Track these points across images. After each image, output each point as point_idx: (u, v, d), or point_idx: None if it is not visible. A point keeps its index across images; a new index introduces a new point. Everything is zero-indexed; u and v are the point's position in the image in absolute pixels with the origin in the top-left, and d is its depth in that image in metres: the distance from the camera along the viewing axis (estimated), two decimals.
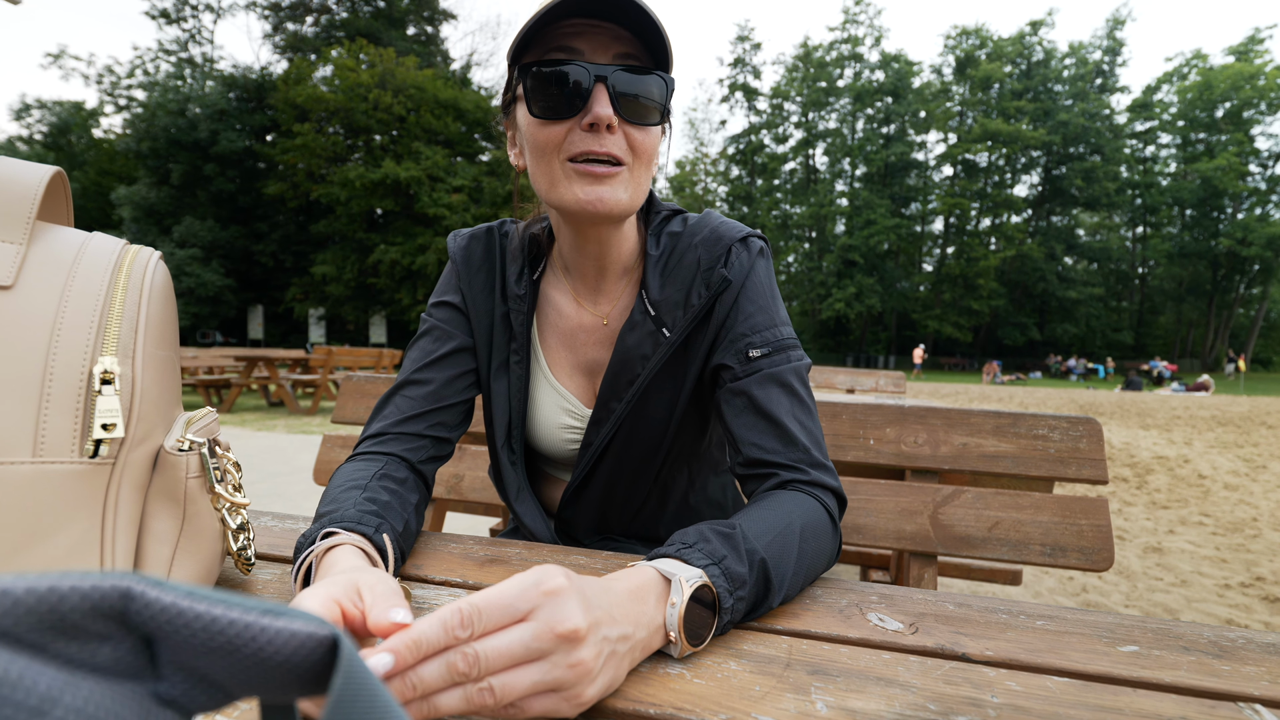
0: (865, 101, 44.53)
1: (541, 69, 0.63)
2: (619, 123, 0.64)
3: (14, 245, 0.44)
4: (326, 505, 0.60)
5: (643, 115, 0.66)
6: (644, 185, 0.70)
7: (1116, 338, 43.46)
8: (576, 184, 0.65)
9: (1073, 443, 1.01)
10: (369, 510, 0.59)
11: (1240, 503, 4.40)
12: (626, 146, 0.65)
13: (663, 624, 0.46)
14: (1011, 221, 43.25)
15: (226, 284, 29.52)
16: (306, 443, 5.60)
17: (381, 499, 0.62)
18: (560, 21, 0.63)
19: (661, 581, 0.47)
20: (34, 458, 0.40)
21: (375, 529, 0.56)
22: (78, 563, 0.41)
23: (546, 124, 0.64)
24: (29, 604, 0.16)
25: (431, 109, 29.24)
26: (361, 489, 0.62)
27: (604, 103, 0.62)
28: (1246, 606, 2.59)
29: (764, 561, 0.52)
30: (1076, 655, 0.49)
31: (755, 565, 0.52)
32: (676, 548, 0.52)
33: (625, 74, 0.63)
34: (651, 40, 0.64)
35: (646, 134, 0.67)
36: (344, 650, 0.19)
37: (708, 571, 0.49)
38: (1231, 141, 38.49)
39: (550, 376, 0.82)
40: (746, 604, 0.51)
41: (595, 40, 0.63)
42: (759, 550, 0.53)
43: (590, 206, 0.65)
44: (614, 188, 0.65)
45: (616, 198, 0.66)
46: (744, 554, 0.51)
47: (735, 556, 0.51)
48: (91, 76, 33.70)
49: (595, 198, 0.65)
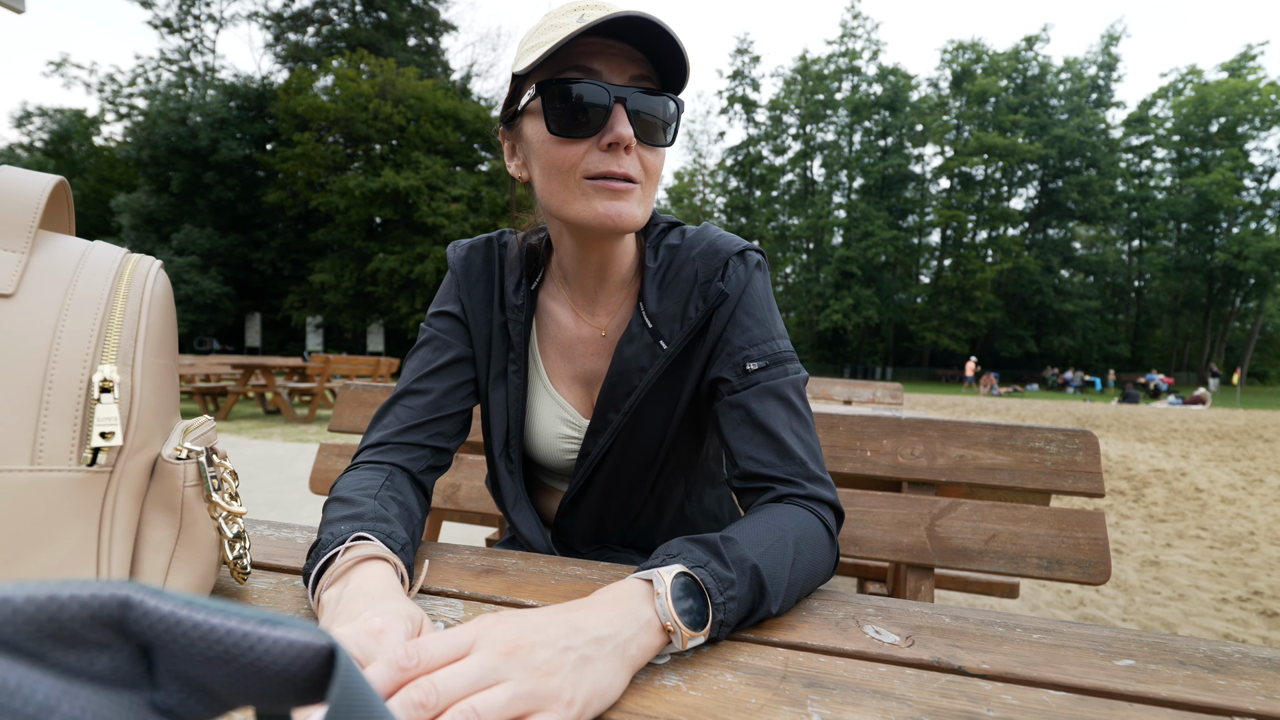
0: (863, 114, 44.90)
1: (560, 86, 0.63)
2: (636, 144, 0.65)
3: (16, 254, 0.44)
4: (345, 510, 0.60)
5: (656, 136, 0.67)
6: (651, 202, 0.71)
7: (1113, 350, 43.59)
8: (596, 200, 0.66)
9: (1069, 455, 1.02)
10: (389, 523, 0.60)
11: (1237, 516, 4.40)
12: (640, 167, 0.67)
13: (654, 617, 0.46)
14: (1008, 234, 43.47)
15: (225, 292, 29.49)
16: (303, 451, 5.57)
17: (393, 511, 0.62)
18: (577, 39, 0.64)
19: (643, 584, 0.48)
20: (32, 465, 0.40)
21: (402, 547, 0.58)
22: (73, 571, 0.41)
23: (565, 142, 0.65)
24: (29, 612, 0.16)
25: (431, 119, 29.40)
26: (373, 498, 0.63)
27: (625, 124, 0.63)
28: (1244, 621, 2.59)
29: (755, 567, 0.52)
30: (1073, 669, 0.49)
31: (746, 571, 0.52)
32: (660, 559, 0.52)
33: (643, 95, 0.64)
34: (665, 62, 0.65)
35: (657, 155, 0.68)
36: (341, 660, 0.19)
37: (693, 570, 0.50)
38: (1226, 156, 38.83)
39: (549, 385, 0.82)
40: (740, 606, 0.51)
41: (611, 60, 0.64)
42: (749, 557, 0.53)
43: (610, 221, 0.66)
44: (630, 204, 0.66)
45: (633, 213, 0.67)
46: (730, 560, 0.52)
47: (719, 561, 0.51)
48: (93, 85, 33.83)
49: (615, 212, 0.66)
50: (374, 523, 0.58)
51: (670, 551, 0.53)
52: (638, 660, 0.44)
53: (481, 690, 0.36)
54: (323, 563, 0.53)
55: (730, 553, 0.52)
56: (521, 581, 0.63)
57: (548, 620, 0.42)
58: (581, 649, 0.41)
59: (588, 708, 0.39)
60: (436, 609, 0.56)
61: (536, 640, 0.40)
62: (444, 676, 0.36)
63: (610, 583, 0.55)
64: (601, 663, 0.41)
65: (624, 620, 0.44)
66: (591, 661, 0.41)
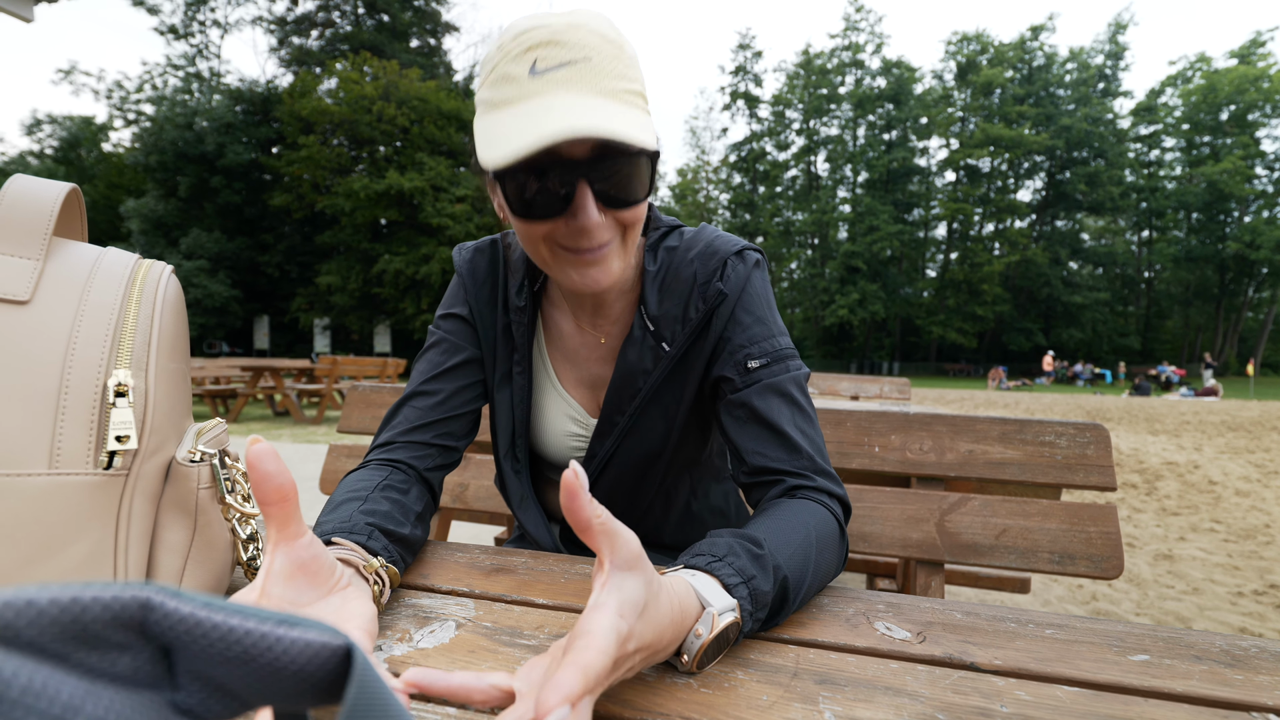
0: (867, 108, 44.64)
1: (517, 178, 0.59)
2: (607, 211, 0.62)
3: (31, 261, 0.45)
4: (325, 512, 0.61)
5: (629, 196, 0.62)
6: (634, 244, 0.68)
7: (1123, 343, 43.20)
8: (569, 268, 0.65)
9: (1080, 449, 1.01)
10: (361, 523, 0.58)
11: (1252, 509, 4.35)
12: (615, 227, 0.64)
13: (680, 643, 0.45)
14: (1015, 226, 43.15)
15: (233, 295, 29.70)
16: (312, 452, 5.61)
17: (381, 508, 0.62)
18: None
19: (697, 608, 0.46)
20: (50, 469, 0.41)
21: (368, 535, 0.57)
22: (91, 573, 0.42)
23: (531, 222, 0.63)
24: (53, 614, 0.17)
25: (435, 120, 29.48)
26: (361, 500, 0.62)
27: (589, 207, 0.60)
28: (1260, 615, 2.56)
29: (785, 579, 0.52)
30: (1086, 664, 0.48)
31: (778, 583, 0.51)
32: (707, 560, 0.50)
33: (608, 166, 0.59)
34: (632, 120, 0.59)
35: (635, 211, 0.64)
36: (357, 660, 0.19)
37: (737, 593, 0.48)
38: (1237, 144, 38.38)
39: (558, 384, 0.83)
40: (762, 623, 0.51)
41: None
42: (782, 567, 0.52)
43: (587, 287, 0.66)
44: (607, 266, 0.65)
45: (610, 274, 0.66)
46: (770, 571, 0.51)
47: (763, 576, 0.50)
48: (101, 92, 34.17)
49: (592, 280, 0.65)
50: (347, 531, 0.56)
51: (717, 553, 0.51)
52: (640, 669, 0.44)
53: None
54: None
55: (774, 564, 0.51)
56: (531, 580, 0.63)
57: (635, 638, 0.39)
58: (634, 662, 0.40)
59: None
60: (448, 608, 0.56)
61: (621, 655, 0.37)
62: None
63: None
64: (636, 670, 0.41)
65: (663, 640, 0.42)
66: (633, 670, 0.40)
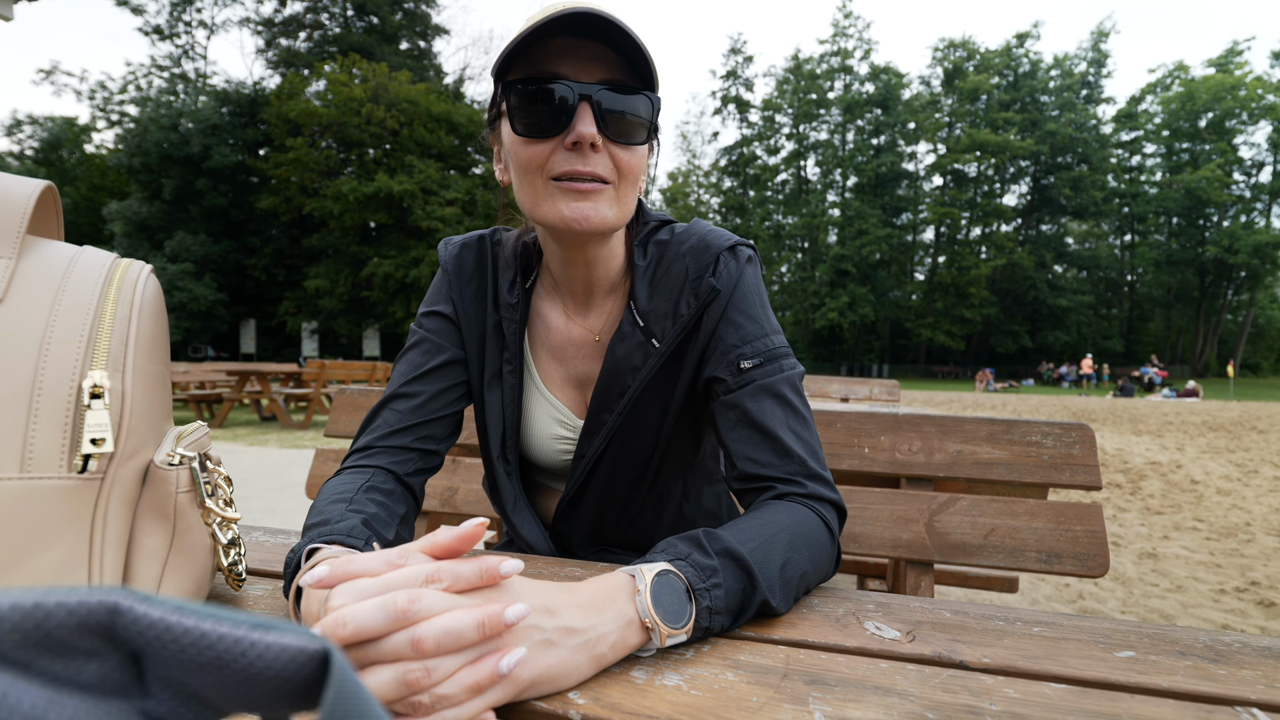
0: (855, 113, 44.96)
1: (526, 87, 0.63)
2: (604, 142, 0.64)
3: (3, 259, 0.44)
4: (314, 518, 0.59)
5: (628, 134, 0.65)
6: (630, 202, 0.69)
7: (1107, 345, 43.73)
8: (560, 201, 0.65)
9: (1066, 449, 1.02)
10: (357, 523, 0.58)
11: (1233, 508, 4.42)
12: (612, 166, 0.65)
13: (635, 615, 0.46)
14: (1001, 230, 43.56)
15: (219, 298, 29.35)
16: (299, 457, 5.55)
17: (369, 510, 0.61)
18: (547, 41, 0.63)
19: (628, 580, 0.48)
20: (21, 473, 0.40)
21: (366, 540, 0.56)
22: (65, 579, 0.40)
23: (531, 142, 0.64)
24: (14, 621, 0.16)
25: (424, 123, 29.35)
26: (348, 502, 0.61)
27: (588, 121, 0.62)
28: (1242, 611, 2.60)
29: (740, 555, 0.52)
30: (1074, 661, 0.49)
31: (731, 558, 0.52)
32: (646, 557, 0.53)
33: (610, 93, 0.63)
34: (637, 62, 0.64)
35: (632, 153, 0.66)
36: (335, 664, 0.19)
37: (673, 564, 0.50)
38: (1215, 150, 39.04)
39: (542, 387, 0.81)
40: (728, 594, 0.51)
41: (581, 62, 0.64)
42: (734, 548, 0.53)
43: (575, 224, 0.65)
44: (598, 204, 0.65)
45: (601, 215, 0.65)
46: (712, 550, 0.52)
47: (700, 551, 0.52)
48: (84, 92, 33.67)
49: (580, 215, 0.65)
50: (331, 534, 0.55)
51: (657, 549, 0.54)
52: (608, 659, 0.44)
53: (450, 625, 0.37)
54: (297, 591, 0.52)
55: (713, 544, 0.53)
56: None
57: (528, 594, 0.43)
58: (548, 633, 0.42)
59: (532, 687, 0.40)
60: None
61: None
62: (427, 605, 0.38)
63: None
64: (565, 652, 0.42)
65: (605, 618, 0.45)
66: (554, 647, 0.42)
